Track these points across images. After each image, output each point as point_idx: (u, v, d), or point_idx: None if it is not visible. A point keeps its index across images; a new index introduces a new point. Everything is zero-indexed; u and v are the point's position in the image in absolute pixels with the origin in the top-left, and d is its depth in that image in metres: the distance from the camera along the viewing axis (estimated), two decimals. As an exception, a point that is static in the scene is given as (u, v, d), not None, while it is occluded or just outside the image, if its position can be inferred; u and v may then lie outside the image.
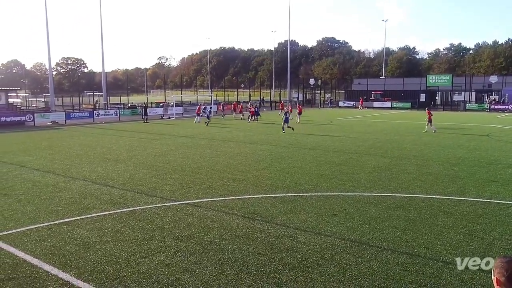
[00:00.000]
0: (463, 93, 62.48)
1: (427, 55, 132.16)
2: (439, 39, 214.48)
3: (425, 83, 64.63)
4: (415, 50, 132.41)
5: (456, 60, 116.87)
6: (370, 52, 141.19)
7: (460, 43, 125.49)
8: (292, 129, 28.85)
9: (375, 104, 65.31)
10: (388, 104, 63.85)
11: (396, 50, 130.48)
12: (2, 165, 16.88)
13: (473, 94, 63.30)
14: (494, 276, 2.82)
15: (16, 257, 7.62)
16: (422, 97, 63.08)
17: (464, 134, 27.61)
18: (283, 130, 28.51)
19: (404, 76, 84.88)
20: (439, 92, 67.76)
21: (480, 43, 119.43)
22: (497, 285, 2.80)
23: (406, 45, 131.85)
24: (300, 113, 38.17)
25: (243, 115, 44.46)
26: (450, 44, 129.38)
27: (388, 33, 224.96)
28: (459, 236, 8.49)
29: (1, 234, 8.80)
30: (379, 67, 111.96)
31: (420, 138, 25.40)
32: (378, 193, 11.93)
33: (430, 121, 28.61)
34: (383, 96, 66.95)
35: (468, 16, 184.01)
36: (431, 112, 29.33)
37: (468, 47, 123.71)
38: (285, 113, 29.94)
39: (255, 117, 39.41)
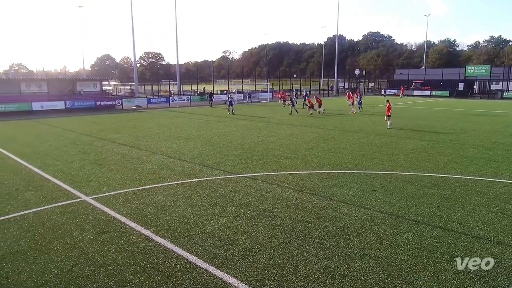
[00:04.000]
0: (500, 82, 57.84)
1: (466, 47, 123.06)
2: (479, 32, 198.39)
3: (463, 73, 60.41)
4: (455, 43, 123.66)
5: (495, 52, 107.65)
6: (412, 45, 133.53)
7: (500, 36, 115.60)
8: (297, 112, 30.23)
9: (415, 92, 62.04)
10: (427, 92, 60.43)
11: (437, 42, 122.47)
12: (98, 141, 17.96)
13: (511, 83, 58.42)
14: None
15: (109, 215, 8.16)
16: (460, 86, 59.24)
17: (500, 121, 25.66)
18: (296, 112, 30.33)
19: (443, 67, 79.64)
20: (477, 82, 63.13)
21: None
22: None
23: (446, 38, 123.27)
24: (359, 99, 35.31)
25: (283, 103, 41.76)
26: (490, 36, 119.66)
27: (431, 26, 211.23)
28: (491, 214, 8.00)
29: (97, 196, 9.44)
30: (420, 59, 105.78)
31: (456, 123, 23.94)
32: (415, 173, 11.47)
33: (389, 115, 21.91)
34: (423, 85, 63.44)
35: (509, 9, 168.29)
36: (391, 105, 22.42)
37: (508, 39, 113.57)
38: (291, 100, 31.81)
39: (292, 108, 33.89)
